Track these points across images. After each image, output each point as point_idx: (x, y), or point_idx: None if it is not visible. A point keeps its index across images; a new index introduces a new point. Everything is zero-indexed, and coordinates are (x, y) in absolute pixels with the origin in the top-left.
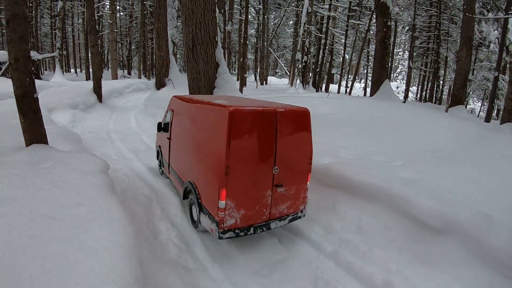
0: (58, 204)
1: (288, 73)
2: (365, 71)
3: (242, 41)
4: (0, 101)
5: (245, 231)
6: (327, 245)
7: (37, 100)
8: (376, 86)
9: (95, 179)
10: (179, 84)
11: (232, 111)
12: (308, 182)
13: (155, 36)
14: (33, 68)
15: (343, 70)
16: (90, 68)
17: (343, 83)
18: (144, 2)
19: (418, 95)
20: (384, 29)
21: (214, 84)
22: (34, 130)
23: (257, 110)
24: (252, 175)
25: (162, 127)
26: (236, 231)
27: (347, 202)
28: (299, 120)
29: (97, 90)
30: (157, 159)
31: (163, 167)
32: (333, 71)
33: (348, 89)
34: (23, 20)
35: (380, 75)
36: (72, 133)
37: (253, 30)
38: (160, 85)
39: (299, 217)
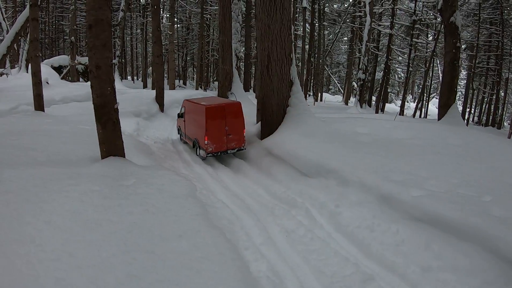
0: (154, 234)
1: (342, 91)
2: (420, 91)
3: (306, 57)
4: (64, 104)
5: (216, 153)
6: (424, 284)
7: (117, 111)
8: (443, 109)
9: (188, 204)
10: (240, 97)
11: (207, 107)
12: (244, 134)
13: (219, 50)
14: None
15: (401, 90)
16: (149, 77)
17: (398, 102)
18: (204, 16)
19: (475, 118)
20: (453, 50)
21: (288, 103)
22: (112, 142)
23: (217, 105)
24: (217, 130)
25: (180, 115)
26: (213, 153)
27: (440, 240)
28: (236, 107)
29: (160, 99)
30: (178, 133)
31: (181, 137)
32: (388, 89)
33: (413, 111)
34: (107, 26)
35: (448, 99)
36: (142, 143)
37: (308, 46)
38: (222, 98)
39: (242, 150)
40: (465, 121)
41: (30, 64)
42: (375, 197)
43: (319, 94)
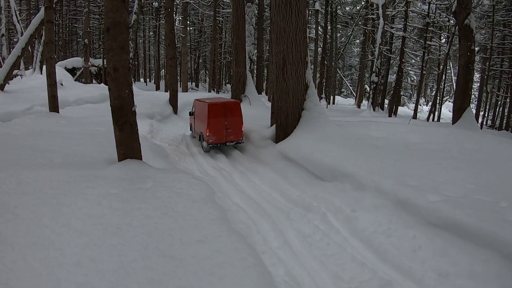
0: (175, 238)
1: (354, 94)
2: (432, 94)
3: (319, 60)
4: (78, 105)
5: (217, 145)
6: None
7: (134, 114)
8: (458, 113)
9: (207, 209)
10: (254, 100)
11: (209, 104)
12: (242, 128)
13: (233, 52)
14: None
15: (414, 93)
16: (161, 79)
17: (410, 105)
18: (216, 18)
19: (488, 121)
20: (468, 54)
21: (303, 106)
22: (129, 145)
23: (218, 102)
24: (217, 124)
25: (191, 114)
26: (214, 145)
27: (457, 246)
28: (235, 105)
29: (173, 101)
30: (190, 130)
31: (192, 132)
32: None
33: (426, 114)
34: (125, 28)
35: (463, 102)
36: (157, 145)
37: (320, 48)
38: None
39: (240, 143)
40: (479, 124)
41: (44, 66)
42: (391, 202)
43: (332, 97)
